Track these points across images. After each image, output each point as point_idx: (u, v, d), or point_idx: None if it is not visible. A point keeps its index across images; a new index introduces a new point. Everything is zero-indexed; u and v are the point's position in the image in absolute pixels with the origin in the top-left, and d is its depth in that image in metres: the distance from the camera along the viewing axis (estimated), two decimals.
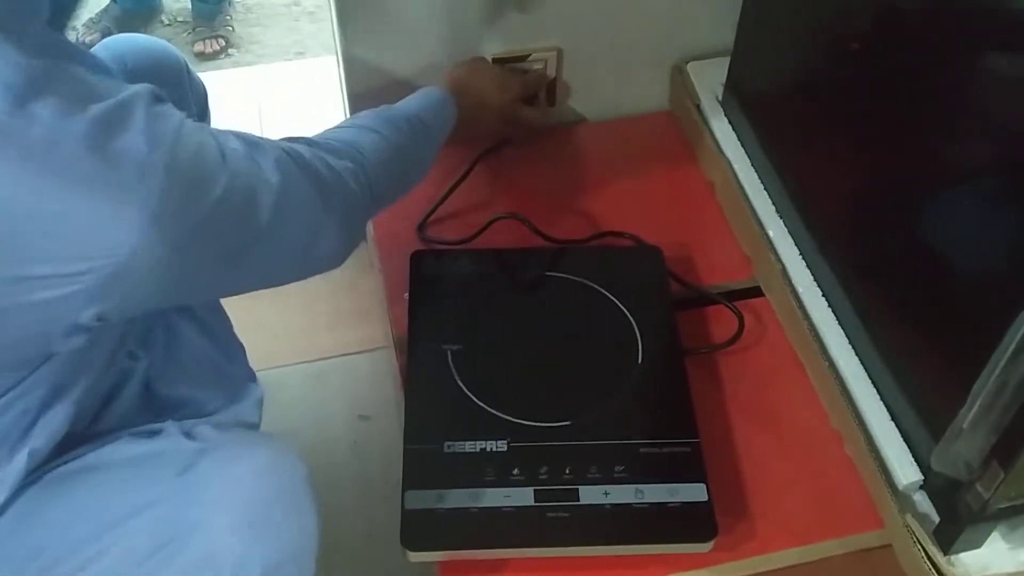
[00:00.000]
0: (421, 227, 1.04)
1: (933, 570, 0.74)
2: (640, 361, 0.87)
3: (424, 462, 0.80)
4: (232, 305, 1.32)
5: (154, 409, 0.79)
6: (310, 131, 1.47)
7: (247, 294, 1.35)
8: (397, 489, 0.78)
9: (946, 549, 0.74)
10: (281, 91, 1.61)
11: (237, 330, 1.30)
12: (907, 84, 0.76)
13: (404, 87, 1.10)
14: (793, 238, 0.93)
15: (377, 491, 1.13)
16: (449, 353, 0.87)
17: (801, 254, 0.92)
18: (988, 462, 0.68)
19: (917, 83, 0.75)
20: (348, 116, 1.14)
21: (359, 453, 1.18)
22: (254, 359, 1.26)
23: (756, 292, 0.98)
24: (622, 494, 0.77)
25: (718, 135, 1.04)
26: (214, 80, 1.66)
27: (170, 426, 0.73)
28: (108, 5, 2.05)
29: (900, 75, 0.77)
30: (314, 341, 1.29)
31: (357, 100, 1.11)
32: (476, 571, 0.77)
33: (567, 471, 0.79)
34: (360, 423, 1.21)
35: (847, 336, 0.86)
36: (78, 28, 1.92)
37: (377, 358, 1.26)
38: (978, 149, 0.71)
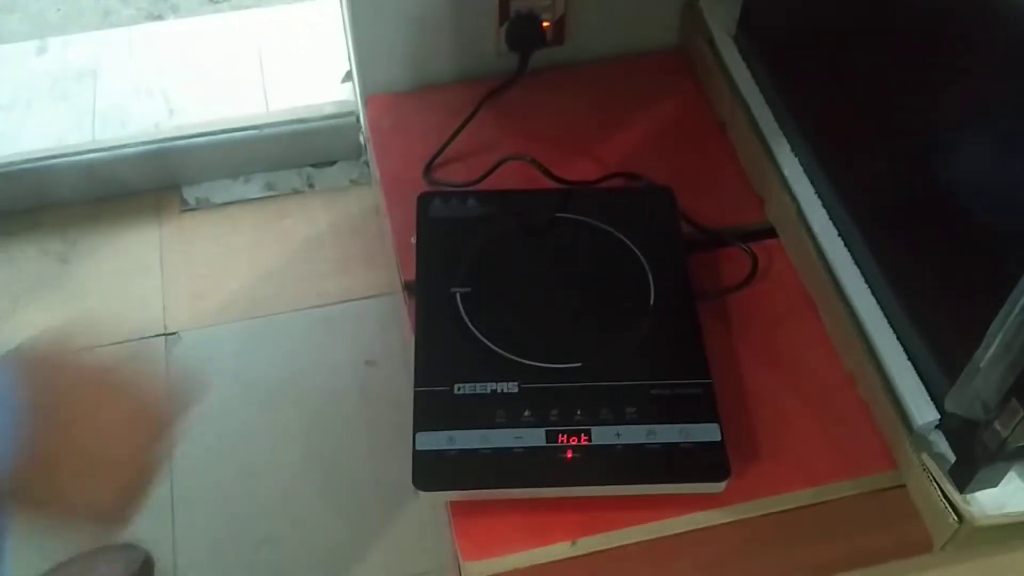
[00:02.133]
0: (427, 170, 1.02)
1: (949, 508, 0.74)
2: (651, 302, 0.86)
3: (434, 404, 0.79)
4: (239, 251, 1.32)
5: None
6: (312, 71, 1.45)
7: (253, 239, 1.34)
8: (405, 434, 0.78)
9: (962, 488, 0.73)
10: (282, 35, 1.58)
11: (244, 278, 1.30)
12: (928, 17, 0.74)
13: (412, 29, 1.08)
14: (808, 177, 0.91)
15: (385, 436, 1.13)
16: (458, 296, 0.86)
17: (817, 193, 0.90)
18: (1007, 400, 0.67)
19: (938, 17, 0.73)
20: (352, 61, 1.11)
21: (367, 398, 1.18)
22: (262, 305, 1.26)
23: (768, 234, 0.97)
24: (634, 434, 0.77)
25: (731, 72, 1.02)
26: (212, 25, 1.64)
27: None
28: None
29: (922, 6, 0.74)
30: (320, 287, 1.28)
31: (362, 44, 1.08)
32: (487, 511, 0.77)
33: (578, 412, 0.78)
34: (367, 369, 1.21)
35: (863, 276, 0.84)
36: None
37: (383, 304, 1.25)
38: (1000, 84, 0.69)
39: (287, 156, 1.40)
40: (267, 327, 1.25)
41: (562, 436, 0.77)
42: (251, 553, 1.06)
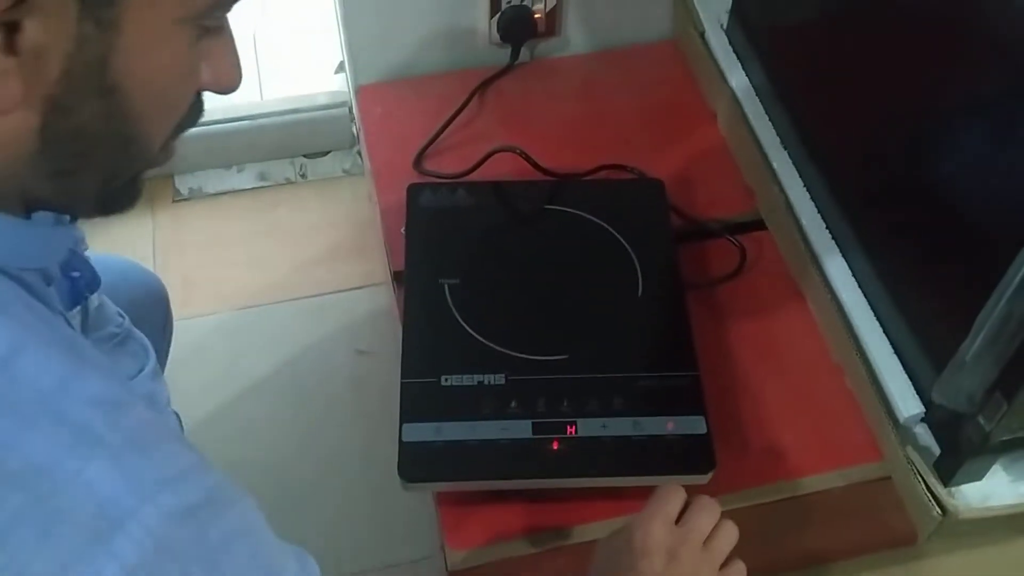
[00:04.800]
0: (418, 160, 1.02)
1: (933, 502, 0.74)
2: (640, 294, 0.86)
3: (421, 395, 0.79)
4: (231, 241, 1.32)
5: None
6: (306, 62, 1.44)
7: (246, 228, 1.35)
8: (395, 424, 0.78)
9: (947, 481, 0.73)
10: (276, 26, 1.58)
11: (237, 268, 1.30)
12: (917, 11, 0.74)
13: (405, 19, 1.07)
14: (797, 169, 0.91)
15: (375, 425, 1.13)
16: (447, 287, 0.86)
17: (805, 185, 0.90)
18: (991, 394, 0.67)
19: (927, 10, 0.73)
20: (344, 51, 1.11)
21: (357, 387, 1.18)
22: (254, 295, 1.26)
23: (758, 225, 0.97)
24: (620, 426, 0.77)
25: (722, 64, 1.02)
26: None
27: None
28: None
29: (910, 1, 0.74)
30: (313, 277, 1.28)
31: (355, 34, 1.08)
32: (473, 502, 0.77)
33: (565, 404, 0.78)
34: (358, 358, 1.21)
35: (850, 268, 0.85)
36: None
37: (375, 293, 1.25)
38: (986, 78, 0.68)
39: (280, 146, 1.40)
40: (259, 316, 1.25)
41: (548, 428, 0.77)
42: None
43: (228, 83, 0.50)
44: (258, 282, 1.28)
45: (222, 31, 0.48)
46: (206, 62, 0.48)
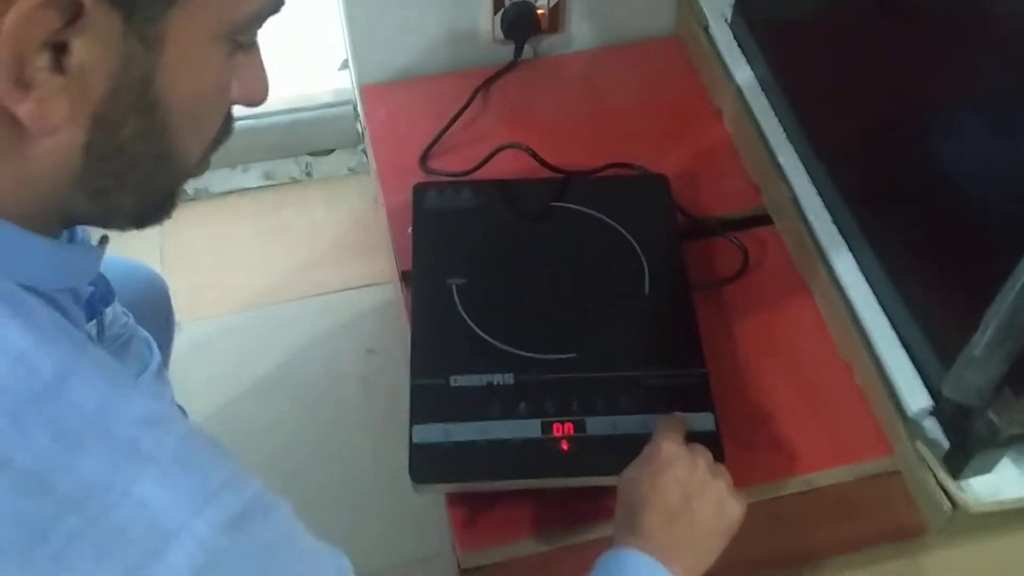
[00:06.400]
0: (423, 159, 1.02)
1: (943, 495, 0.74)
2: (647, 292, 0.86)
3: (431, 396, 0.79)
4: (238, 241, 1.32)
5: None
6: (309, 62, 1.44)
7: (252, 228, 1.34)
8: (404, 422, 0.78)
9: (956, 475, 0.74)
10: (279, 24, 1.57)
11: (244, 268, 1.30)
12: (923, 3, 0.73)
13: (408, 17, 1.07)
14: (804, 164, 0.91)
15: (384, 424, 1.14)
16: (454, 287, 0.86)
17: (812, 180, 0.90)
18: (1000, 389, 0.67)
19: (934, 2, 0.72)
20: (348, 49, 1.11)
21: (367, 387, 1.18)
22: (261, 295, 1.26)
23: (765, 220, 0.97)
24: (629, 425, 0.77)
25: (727, 59, 1.02)
26: None
27: None
28: None
29: None
30: (321, 276, 1.29)
31: (358, 33, 1.08)
32: (483, 501, 0.77)
33: (574, 403, 0.78)
34: (367, 357, 1.21)
35: (858, 263, 0.84)
36: None
37: (383, 292, 1.25)
38: (994, 71, 0.68)
39: (285, 145, 1.40)
40: (267, 317, 1.25)
41: (557, 427, 0.77)
42: None
43: (257, 97, 0.51)
44: (265, 282, 1.29)
45: (253, 47, 0.50)
46: (236, 77, 0.49)
